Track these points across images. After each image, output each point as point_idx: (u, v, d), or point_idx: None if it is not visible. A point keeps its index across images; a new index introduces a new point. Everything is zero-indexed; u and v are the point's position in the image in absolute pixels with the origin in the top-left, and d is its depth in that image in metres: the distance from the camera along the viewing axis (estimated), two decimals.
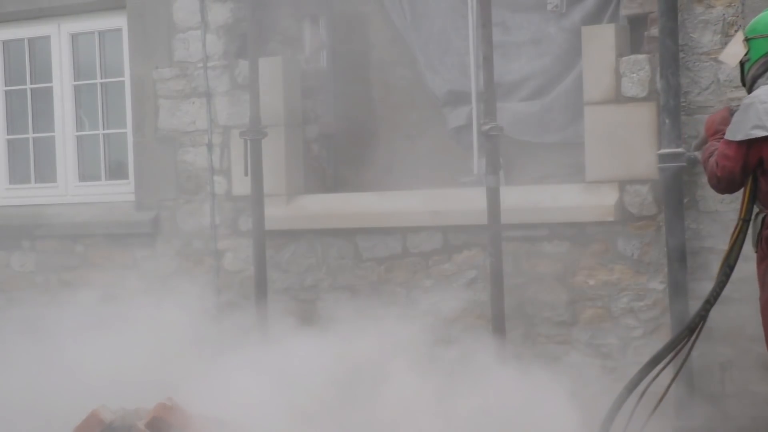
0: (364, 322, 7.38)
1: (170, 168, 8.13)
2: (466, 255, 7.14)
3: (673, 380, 5.68)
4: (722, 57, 5.57)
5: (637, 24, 6.71)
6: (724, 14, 6.36)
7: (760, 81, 5.21)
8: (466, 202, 7.08)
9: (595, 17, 6.95)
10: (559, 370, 6.38)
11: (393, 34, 7.79)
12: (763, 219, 5.24)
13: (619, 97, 6.64)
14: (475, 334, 7.02)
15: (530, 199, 6.98)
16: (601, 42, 6.70)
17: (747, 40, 5.27)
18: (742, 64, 5.34)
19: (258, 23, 7.68)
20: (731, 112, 5.41)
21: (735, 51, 5.35)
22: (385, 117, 7.78)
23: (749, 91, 5.27)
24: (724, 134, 5.30)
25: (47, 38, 8.77)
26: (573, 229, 6.85)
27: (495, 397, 6.12)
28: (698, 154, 6.41)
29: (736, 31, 6.26)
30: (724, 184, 5.22)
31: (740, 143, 5.06)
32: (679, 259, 6.41)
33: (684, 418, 6.37)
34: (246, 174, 7.54)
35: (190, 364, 7.47)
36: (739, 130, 5.10)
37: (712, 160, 5.25)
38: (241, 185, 7.75)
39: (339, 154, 7.89)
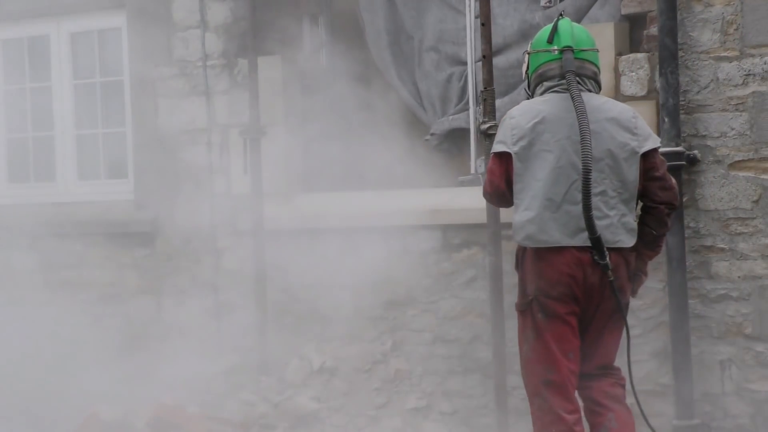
0: (362, 321, 7.39)
1: (169, 167, 8.13)
2: (465, 254, 7.13)
3: None
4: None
5: (636, 22, 6.71)
6: (723, 13, 6.36)
7: (534, 94, 5.28)
8: (465, 201, 7.07)
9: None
10: None
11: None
12: None
13: (618, 96, 6.62)
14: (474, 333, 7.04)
15: None
16: (601, 40, 6.68)
17: (527, 54, 5.34)
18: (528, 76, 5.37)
19: (257, 22, 7.69)
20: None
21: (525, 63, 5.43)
22: (384, 116, 7.77)
23: None
24: None
25: (47, 37, 8.76)
26: None
27: None
28: (698, 153, 6.43)
29: (735, 29, 6.28)
30: (495, 199, 5.28)
31: (500, 159, 5.15)
32: (679, 258, 6.40)
33: (684, 417, 6.36)
34: (245, 173, 7.55)
35: (189, 363, 7.48)
36: (492, 145, 5.26)
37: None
38: (241, 184, 7.75)
39: (338, 152, 7.88)
